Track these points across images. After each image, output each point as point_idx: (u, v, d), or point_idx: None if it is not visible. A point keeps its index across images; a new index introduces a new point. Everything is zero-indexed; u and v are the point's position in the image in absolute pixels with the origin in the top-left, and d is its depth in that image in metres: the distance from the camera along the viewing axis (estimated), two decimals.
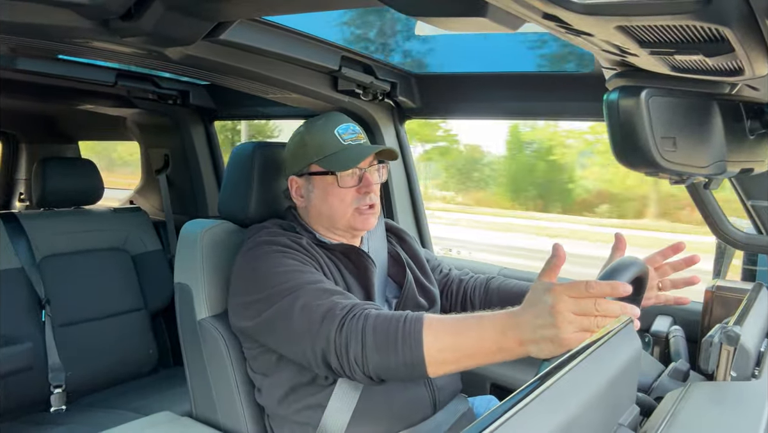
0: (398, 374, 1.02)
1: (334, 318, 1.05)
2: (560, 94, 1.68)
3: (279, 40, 1.51)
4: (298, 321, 1.08)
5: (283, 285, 1.13)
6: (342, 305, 1.07)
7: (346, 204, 1.27)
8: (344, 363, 1.04)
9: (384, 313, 1.05)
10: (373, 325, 1.02)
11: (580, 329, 0.85)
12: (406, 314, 1.03)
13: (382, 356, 1.00)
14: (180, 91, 2.42)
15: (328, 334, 1.04)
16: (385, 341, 1.00)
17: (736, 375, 0.96)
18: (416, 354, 0.98)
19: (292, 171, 1.33)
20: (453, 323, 1.00)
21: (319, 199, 1.29)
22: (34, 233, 2.23)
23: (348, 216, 1.28)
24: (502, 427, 0.53)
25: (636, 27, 0.57)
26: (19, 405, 2.02)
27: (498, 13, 0.72)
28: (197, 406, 1.44)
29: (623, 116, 0.68)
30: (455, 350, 0.97)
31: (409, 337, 0.99)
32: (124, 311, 2.37)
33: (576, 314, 0.86)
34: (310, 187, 1.30)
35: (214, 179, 2.76)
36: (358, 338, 1.02)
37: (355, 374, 1.04)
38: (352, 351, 1.02)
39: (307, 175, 1.30)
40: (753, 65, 0.62)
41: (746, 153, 0.86)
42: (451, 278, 1.51)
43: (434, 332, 0.99)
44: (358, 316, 1.04)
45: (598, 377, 0.71)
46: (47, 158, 2.40)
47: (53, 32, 1.22)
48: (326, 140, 1.28)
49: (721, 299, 1.41)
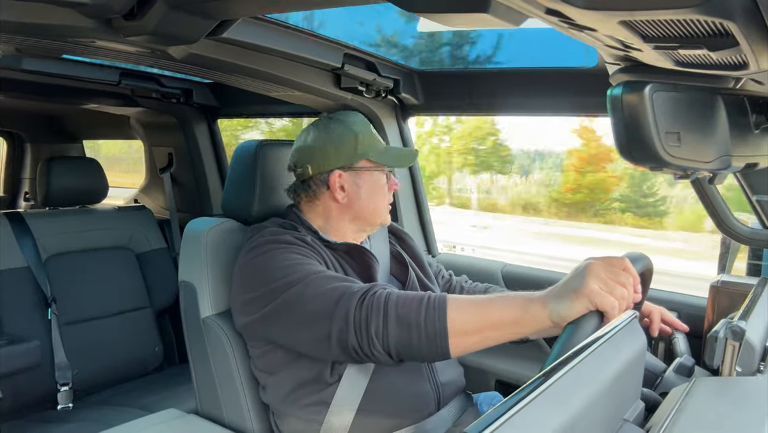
0: (420, 349, 1.01)
1: (352, 296, 1.05)
2: (564, 89, 1.68)
3: (282, 37, 1.51)
4: (311, 306, 1.08)
5: (289, 277, 1.12)
6: (358, 285, 1.08)
7: (387, 200, 1.34)
8: (363, 340, 1.03)
9: (405, 292, 1.06)
10: (396, 300, 1.03)
11: (606, 288, 0.89)
12: (429, 293, 1.04)
13: (404, 329, 1.00)
14: (183, 90, 2.42)
15: (347, 312, 1.04)
16: (408, 314, 1.01)
17: (741, 370, 0.96)
18: (439, 325, 0.98)
19: (337, 165, 1.28)
20: (477, 297, 1.03)
21: (367, 194, 1.30)
22: (40, 232, 2.24)
23: (384, 212, 1.34)
24: (507, 423, 0.53)
25: (639, 22, 0.57)
26: (26, 403, 2.03)
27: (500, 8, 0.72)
28: (202, 403, 1.45)
29: (627, 111, 0.68)
30: (480, 320, 0.98)
31: (433, 309, 1.00)
32: (130, 309, 2.39)
33: (607, 276, 0.90)
34: (358, 182, 1.30)
35: (218, 177, 2.77)
36: (380, 312, 1.02)
37: (374, 350, 1.03)
38: (373, 326, 1.02)
39: (357, 171, 1.30)
40: (758, 59, 0.62)
41: (751, 147, 0.86)
42: (454, 284, 1.52)
43: (458, 304, 1.00)
44: (379, 293, 1.05)
45: (603, 372, 0.71)
46: (52, 158, 2.41)
47: (57, 32, 1.22)
48: (376, 138, 1.33)
49: (726, 294, 1.40)
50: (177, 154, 2.82)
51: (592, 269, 0.91)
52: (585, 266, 0.93)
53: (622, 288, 0.89)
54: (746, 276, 1.55)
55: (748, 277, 1.52)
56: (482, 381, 1.79)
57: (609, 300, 0.87)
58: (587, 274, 0.90)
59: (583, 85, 1.61)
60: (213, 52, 1.45)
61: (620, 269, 0.92)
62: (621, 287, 0.89)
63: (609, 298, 0.87)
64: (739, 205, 1.44)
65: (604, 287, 0.89)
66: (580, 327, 0.85)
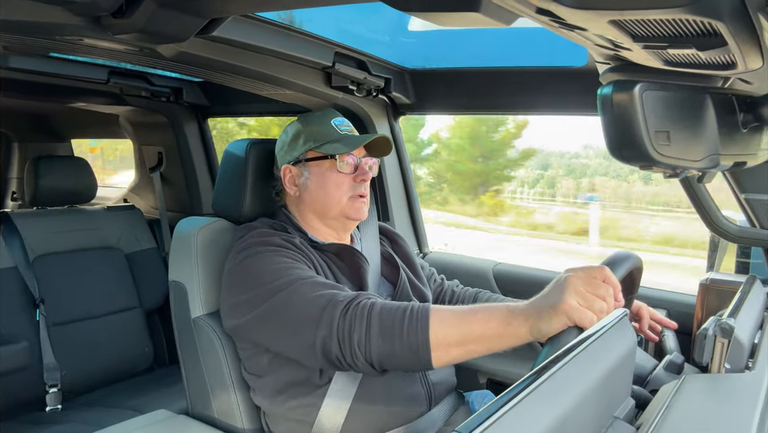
0: (402, 360, 1.01)
1: (336, 305, 1.05)
2: (555, 88, 1.68)
3: (272, 36, 1.51)
4: (297, 313, 1.08)
5: (277, 281, 1.12)
6: (344, 294, 1.08)
7: (342, 191, 1.28)
8: (346, 350, 1.03)
9: (389, 302, 1.05)
10: (380, 311, 1.02)
11: (584, 303, 0.88)
12: (412, 303, 1.04)
13: (386, 340, 1.00)
14: (173, 89, 2.41)
15: (331, 320, 1.04)
16: (391, 325, 1.00)
17: (730, 367, 0.96)
18: (422, 337, 0.98)
19: (285, 160, 1.33)
20: (461, 309, 1.02)
21: (315, 185, 1.29)
22: (28, 232, 2.22)
23: (343, 203, 1.29)
24: (499, 421, 0.54)
25: (629, 21, 0.57)
26: (14, 405, 2.01)
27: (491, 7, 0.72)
28: (193, 404, 1.44)
29: (617, 110, 0.68)
30: (462, 333, 0.97)
31: (415, 320, 0.99)
32: (119, 310, 2.37)
33: (585, 289, 0.89)
34: (306, 174, 1.30)
35: (209, 177, 2.76)
36: (363, 322, 1.02)
37: (357, 361, 1.03)
38: (356, 336, 1.02)
39: (303, 163, 1.30)
40: (745, 59, 0.62)
41: (739, 146, 0.86)
42: (445, 288, 1.52)
43: (441, 316, 1.00)
44: (363, 303, 1.04)
45: (594, 370, 0.71)
46: (40, 157, 2.38)
47: (45, 29, 1.21)
48: (323, 129, 1.30)
49: (714, 292, 1.42)
50: (167, 154, 2.80)
51: (571, 283, 0.90)
52: (564, 279, 0.92)
53: (601, 301, 0.89)
54: (735, 274, 1.56)
55: (736, 275, 1.54)
56: (474, 380, 1.80)
57: (587, 316, 0.87)
58: (566, 288, 0.90)
59: (573, 84, 1.62)
60: (203, 50, 1.44)
61: (600, 280, 0.91)
62: (600, 301, 0.89)
63: (587, 313, 0.87)
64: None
65: (582, 302, 0.88)
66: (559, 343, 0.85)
